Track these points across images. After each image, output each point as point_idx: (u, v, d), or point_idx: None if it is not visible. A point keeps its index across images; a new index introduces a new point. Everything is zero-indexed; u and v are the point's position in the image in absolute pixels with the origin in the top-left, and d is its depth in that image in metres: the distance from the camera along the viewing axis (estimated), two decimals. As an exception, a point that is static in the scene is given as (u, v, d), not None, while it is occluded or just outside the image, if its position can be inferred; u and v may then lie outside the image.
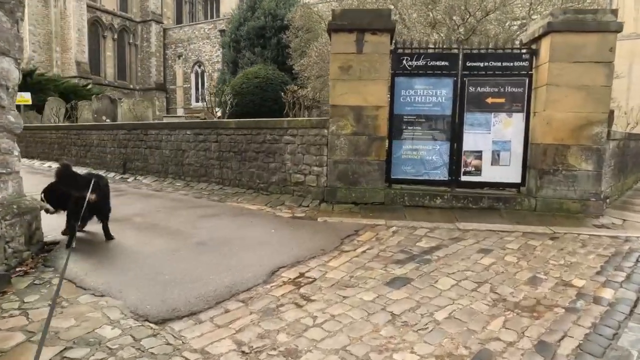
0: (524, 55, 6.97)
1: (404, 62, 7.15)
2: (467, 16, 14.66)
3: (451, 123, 7.10)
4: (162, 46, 41.54)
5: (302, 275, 3.96)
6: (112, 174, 11.32)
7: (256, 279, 3.76)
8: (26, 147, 16.06)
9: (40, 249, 4.25)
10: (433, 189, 7.11)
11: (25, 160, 15.20)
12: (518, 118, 6.99)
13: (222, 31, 34.59)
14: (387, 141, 7.04)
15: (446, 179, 7.18)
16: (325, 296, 3.47)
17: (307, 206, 7.12)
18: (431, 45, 7.24)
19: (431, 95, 7.13)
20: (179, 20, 45.41)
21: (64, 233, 4.68)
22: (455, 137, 7.10)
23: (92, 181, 4.62)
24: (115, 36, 39.46)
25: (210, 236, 4.95)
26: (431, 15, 14.94)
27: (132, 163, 11.02)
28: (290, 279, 3.84)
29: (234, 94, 16.02)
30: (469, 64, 7.04)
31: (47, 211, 4.46)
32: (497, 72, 6.99)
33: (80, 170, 5.16)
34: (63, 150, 13.81)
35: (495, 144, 7.06)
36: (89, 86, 28.00)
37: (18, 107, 19.02)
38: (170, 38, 41.75)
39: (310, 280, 3.84)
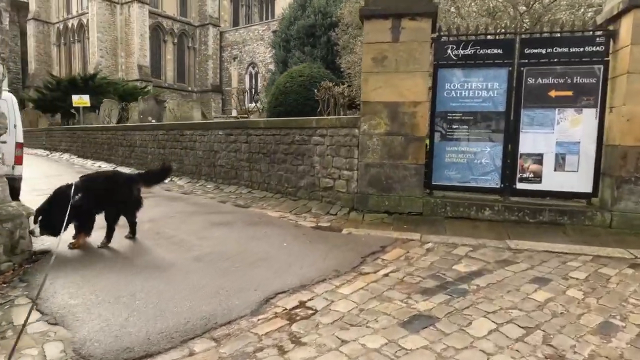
0: (597, 39, 5.76)
1: (449, 51, 6.20)
2: (532, 2, 13.15)
3: (505, 121, 6.05)
4: (218, 49, 42.61)
5: (301, 304, 3.26)
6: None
7: (243, 308, 3.12)
8: (82, 147, 16.78)
9: (27, 259, 3.92)
10: (481, 198, 6.10)
11: (79, 160, 15.85)
12: (589, 115, 5.79)
13: (274, 32, 34.71)
14: (426, 142, 6.13)
15: (498, 186, 6.13)
16: (320, 338, 2.75)
17: (335, 214, 6.40)
18: (481, 31, 6.21)
19: (481, 88, 6.12)
20: (235, 22, 46.44)
21: (73, 246, 4.35)
22: (509, 137, 6.04)
23: (72, 185, 4.30)
24: (175, 40, 41.04)
25: (212, 249, 4.39)
26: (490, 4, 13.59)
27: (170, 163, 10.88)
28: (285, 309, 3.16)
29: (278, 94, 15.63)
30: (528, 51, 5.95)
31: (32, 233, 4.06)
32: (562, 60, 5.84)
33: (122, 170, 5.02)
34: (111, 151, 14.15)
35: (560, 145, 5.91)
36: (146, 88, 29.18)
37: (77, 109, 20.14)
38: (226, 40, 42.72)
39: (310, 312, 3.13)
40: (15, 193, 7.26)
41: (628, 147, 5.34)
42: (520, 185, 6.07)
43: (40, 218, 4.07)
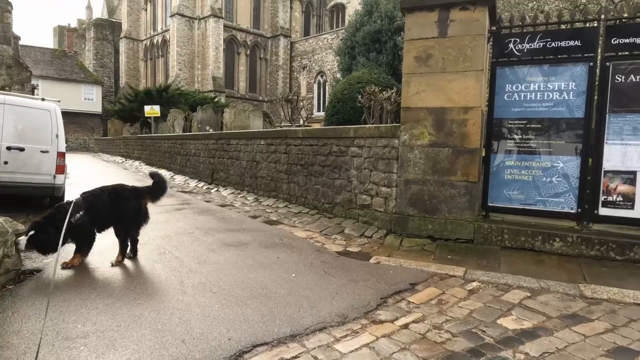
0: None
1: (511, 45, 5.14)
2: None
3: (584, 130, 4.85)
4: (289, 59, 43.27)
5: (280, 366, 2.55)
6: (202, 184, 11.27)
7: (202, 367, 2.48)
8: (149, 155, 17.55)
9: (12, 279, 3.66)
10: (550, 225, 4.91)
11: (146, 168, 16.53)
12: None
13: (341, 39, 34.41)
14: (479, 155, 5.11)
15: (573, 211, 4.91)
16: None
17: (370, 237, 5.58)
18: (553, 19, 5.06)
19: (552, 90, 4.98)
20: (306, 32, 46.99)
21: (66, 265, 4.07)
22: (590, 150, 4.83)
23: (72, 204, 3.98)
24: (248, 52, 42.42)
25: (206, 278, 3.83)
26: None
27: (218, 173, 10.77)
28: (256, 371, 2.47)
29: (335, 101, 15.09)
30: (616, 42, 4.72)
31: (16, 244, 3.76)
32: (666, 51, 4.52)
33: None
34: (172, 159, 14.52)
35: (661, 161, 4.56)
36: (216, 98, 30.25)
37: (148, 119, 21.25)
38: (296, 51, 43.27)
39: (286, 379, 2.40)
40: (58, 203, 7.44)
41: None
42: (603, 211, 4.81)
43: (32, 233, 3.81)
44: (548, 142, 5.01)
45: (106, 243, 4.50)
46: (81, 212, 4.07)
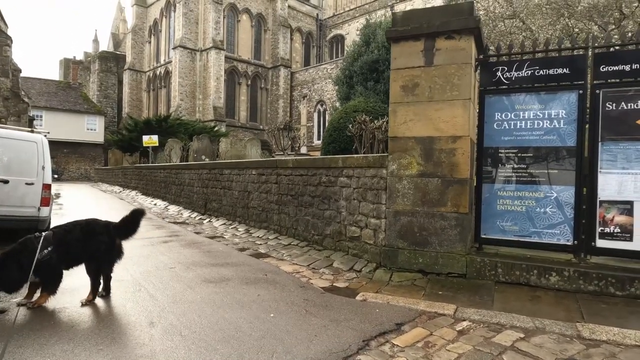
0: None
1: (499, 73, 5.07)
2: (621, 18, 11.30)
3: (576, 158, 4.69)
4: (289, 88, 43.89)
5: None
6: (195, 214, 11.10)
7: None
8: (146, 185, 17.46)
9: (-28, 321, 3.45)
10: (546, 258, 4.69)
11: (142, 198, 16.40)
12: (700, 148, 4.24)
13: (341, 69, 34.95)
14: (470, 185, 4.94)
15: (569, 243, 4.70)
16: None
17: (360, 271, 5.35)
18: (541, 47, 5.00)
19: (542, 118, 4.87)
20: (306, 62, 47.88)
21: (32, 305, 3.86)
22: (583, 179, 4.66)
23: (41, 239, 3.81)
24: (249, 82, 43.10)
25: (178, 319, 3.58)
26: (567, 22, 11.98)
27: (211, 203, 10.61)
28: None
29: (332, 130, 15.10)
30: (605, 69, 4.63)
31: None
32: (656, 78, 4.42)
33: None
34: (167, 189, 14.40)
35: (658, 190, 4.38)
36: (216, 128, 30.46)
37: (146, 148, 21.29)
38: (296, 80, 43.93)
39: None
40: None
41: None
42: (601, 243, 4.59)
43: None
44: (540, 171, 4.85)
45: (80, 280, 4.29)
46: (49, 248, 3.89)
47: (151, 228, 9.05)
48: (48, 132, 7.71)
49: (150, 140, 19.72)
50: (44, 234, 4.00)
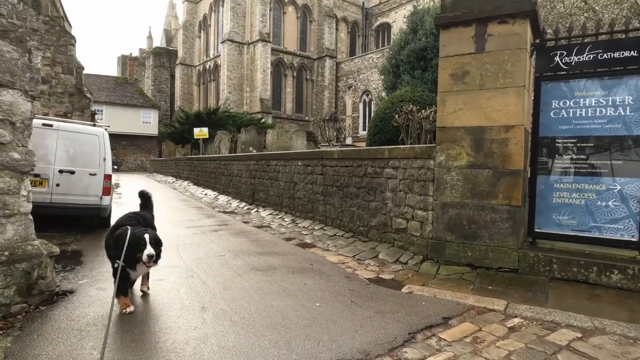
0: None
1: (557, 59, 4.78)
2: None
3: (644, 148, 4.35)
4: (334, 79, 43.74)
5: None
6: (243, 204, 11.42)
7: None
8: (197, 176, 18.15)
9: (45, 299, 3.77)
10: (607, 255, 4.41)
11: (193, 188, 17.08)
12: None
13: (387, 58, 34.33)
14: (524, 177, 4.72)
15: (634, 239, 4.39)
16: None
17: (405, 263, 5.29)
18: (605, 28, 4.65)
19: (605, 105, 4.55)
20: (352, 52, 47.43)
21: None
22: (652, 170, 4.31)
23: None
24: (295, 74, 43.38)
25: (228, 305, 3.73)
26: (636, 0, 11.02)
27: (258, 194, 10.86)
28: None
29: (377, 120, 14.92)
30: (680, 50, 4.23)
31: None
32: None
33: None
34: (216, 179, 14.90)
35: None
36: (263, 120, 31.00)
37: (197, 140, 22.07)
38: (341, 71, 43.69)
39: None
40: (104, 223, 7.77)
41: None
42: (671, 240, 4.24)
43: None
44: (602, 162, 4.54)
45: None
46: None
47: (202, 217, 9.43)
48: (108, 126, 8.19)
49: (200, 132, 20.45)
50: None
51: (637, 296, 3.95)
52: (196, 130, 20.68)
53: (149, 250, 3.49)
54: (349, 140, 41.06)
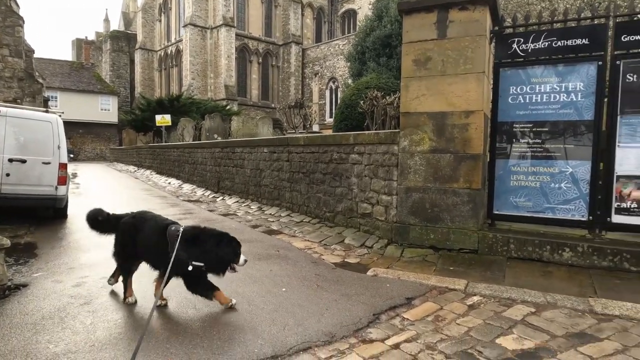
0: None
1: (514, 45, 4.92)
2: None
3: (593, 133, 4.58)
4: (300, 66, 43.40)
5: (257, 390, 2.38)
6: (208, 193, 11.22)
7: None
8: (160, 164, 17.66)
9: (-4, 294, 3.59)
10: (560, 234, 4.65)
11: (156, 177, 16.63)
12: None
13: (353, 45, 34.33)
14: (483, 161, 4.87)
15: (584, 219, 4.64)
16: None
17: (371, 247, 5.38)
18: (559, 17, 4.82)
19: (558, 91, 4.74)
20: (318, 39, 47.09)
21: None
22: (600, 153, 4.56)
23: None
24: (260, 60, 42.71)
25: (185, 296, 3.64)
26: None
27: (224, 182, 10.70)
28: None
29: (344, 107, 14.97)
30: (627, 39, 4.46)
31: None
32: (680, 47, 4.25)
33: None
34: (180, 168, 14.55)
35: (678, 164, 4.26)
36: (228, 107, 30.43)
37: (160, 128, 21.43)
38: (308, 57, 43.38)
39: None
40: (61, 214, 7.44)
41: None
42: (617, 219, 4.52)
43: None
44: (556, 146, 4.75)
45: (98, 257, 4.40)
46: None
47: (166, 206, 9.20)
48: (62, 112, 7.79)
49: (163, 119, 19.83)
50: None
51: (586, 272, 4.19)
52: (158, 118, 20.03)
53: (244, 256, 3.35)
54: (316, 127, 40.99)
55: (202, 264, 3.22)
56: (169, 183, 14.35)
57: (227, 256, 3.27)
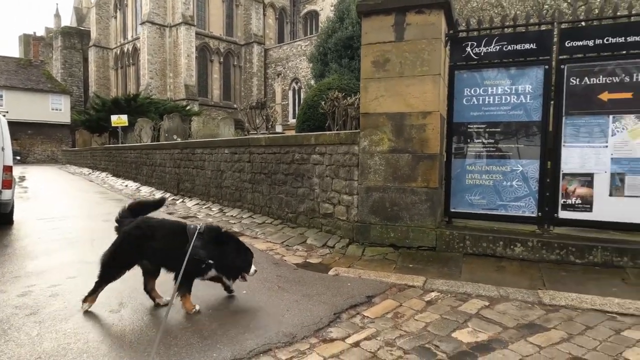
0: (665, 23, 4.40)
1: (468, 49, 5.10)
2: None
3: (542, 133, 4.82)
4: (263, 66, 43.11)
5: (215, 395, 2.33)
6: (167, 195, 10.90)
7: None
8: (116, 166, 17.01)
9: None
10: (512, 230, 4.86)
11: (112, 179, 16.00)
12: (656, 122, 4.42)
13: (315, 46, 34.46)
14: (440, 160, 5.01)
15: (533, 215, 4.87)
16: None
17: (333, 247, 5.41)
18: (509, 22, 5.05)
19: (509, 93, 4.95)
20: (280, 39, 46.96)
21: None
22: (548, 153, 4.80)
23: None
24: (221, 59, 42.05)
25: (141, 302, 3.57)
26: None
27: (184, 184, 10.44)
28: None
29: (306, 108, 15.01)
30: (570, 44, 4.72)
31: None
32: (617, 53, 4.55)
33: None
34: (138, 170, 14.07)
35: (617, 162, 4.57)
36: (188, 107, 29.77)
37: (116, 128, 20.67)
38: (270, 58, 43.16)
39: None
40: (6, 219, 7.00)
41: None
42: (563, 214, 4.77)
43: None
44: (507, 145, 4.96)
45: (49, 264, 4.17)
46: None
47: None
48: (7, 112, 7.35)
49: (119, 120, 19.09)
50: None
51: (536, 266, 4.40)
52: (114, 118, 19.27)
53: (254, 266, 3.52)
54: (279, 128, 40.86)
55: (212, 262, 3.32)
56: (126, 186, 13.84)
57: (243, 263, 3.44)
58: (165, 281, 3.49)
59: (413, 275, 4.29)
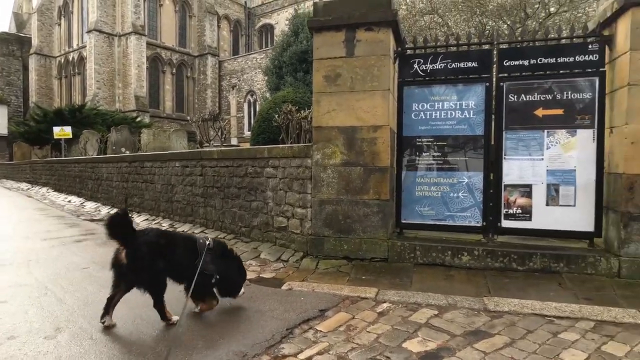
0: (591, 46, 4.80)
1: (415, 66, 5.30)
2: (525, 18, 12.36)
3: (484, 146, 5.06)
4: (217, 78, 42.58)
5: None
6: (114, 211, 10.38)
7: None
8: (58, 181, 16.05)
9: None
10: (459, 240, 5.05)
11: (54, 195, 15.08)
12: (585, 136, 4.78)
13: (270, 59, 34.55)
14: (391, 173, 5.13)
15: (479, 224, 5.08)
16: None
17: (287, 260, 5.37)
18: (453, 41, 5.31)
19: (454, 109, 5.18)
20: (235, 52, 46.67)
21: None
22: (490, 165, 5.05)
23: None
24: (174, 70, 41.11)
25: (89, 323, 3.35)
26: (480, 20, 12.84)
27: (132, 198, 10.01)
28: None
29: (261, 121, 14.94)
30: (508, 63, 5.02)
31: None
32: (549, 72, 4.90)
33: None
34: (82, 184, 13.36)
35: (552, 174, 4.88)
36: (139, 118, 28.77)
37: (59, 140, 19.57)
38: (225, 70, 42.74)
39: None
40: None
41: (634, 176, 4.29)
42: (506, 223, 5.02)
43: None
44: (454, 158, 5.17)
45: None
46: None
47: (64, 227, 8.36)
48: None
49: (62, 131, 18.06)
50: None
51: (481, 274, 4.57)
52: (56, 130, 18.21)
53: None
54: (234, 141, 40.37)
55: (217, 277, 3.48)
56: (69, 201, 13.08)
57: (242, 282, 3.69)
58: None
59: (366, 286, 4.33)
